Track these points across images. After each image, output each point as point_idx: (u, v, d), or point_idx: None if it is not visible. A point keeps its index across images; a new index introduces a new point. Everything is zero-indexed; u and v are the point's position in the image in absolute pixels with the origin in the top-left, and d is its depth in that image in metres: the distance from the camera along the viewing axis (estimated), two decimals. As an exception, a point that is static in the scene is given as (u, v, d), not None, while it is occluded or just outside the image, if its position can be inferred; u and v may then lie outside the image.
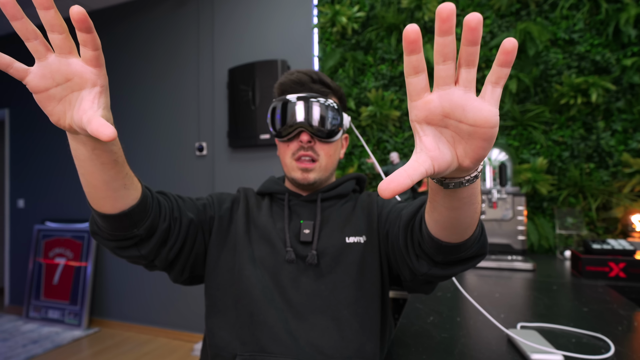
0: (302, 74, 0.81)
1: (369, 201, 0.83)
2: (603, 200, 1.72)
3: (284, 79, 0.82)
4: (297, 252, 0.74)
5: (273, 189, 0.84)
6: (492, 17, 1.93)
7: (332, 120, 0.78)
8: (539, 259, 1.64)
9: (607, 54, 1.73)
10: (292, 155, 0.79)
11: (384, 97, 2.10)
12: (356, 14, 2.13)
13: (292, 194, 0.82)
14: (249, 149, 2.58)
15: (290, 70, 0.84)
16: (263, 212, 0.80)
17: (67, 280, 3.07)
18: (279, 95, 0.83)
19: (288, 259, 0.73)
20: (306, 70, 0.82)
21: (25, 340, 2.77)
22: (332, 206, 0.82)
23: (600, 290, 1.13)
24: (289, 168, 0.79)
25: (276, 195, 0.84)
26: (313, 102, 0.77)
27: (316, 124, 0.76)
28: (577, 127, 1.79)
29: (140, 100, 2.99)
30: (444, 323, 0.87)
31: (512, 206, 1.56)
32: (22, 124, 3.51)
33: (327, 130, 0.78)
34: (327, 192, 0.82)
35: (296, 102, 0.77)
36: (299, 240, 0.75)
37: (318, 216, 0.78)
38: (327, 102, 0.78)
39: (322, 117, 0.77)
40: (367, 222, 0.79)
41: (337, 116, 0.79)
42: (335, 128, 0.79)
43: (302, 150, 0.78)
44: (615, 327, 0.82)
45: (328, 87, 0.82)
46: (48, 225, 3.26)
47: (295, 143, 0.78)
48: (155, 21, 2.93)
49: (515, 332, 0.75)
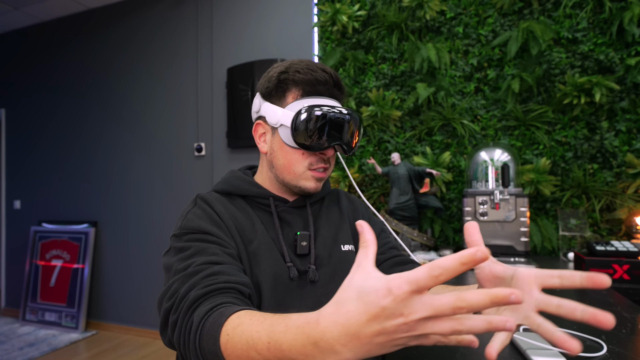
0: (324, 73, 0.72)
1: (354, 209, 0.84)
2: (607, 201, 1.73)
3: (303, 74, 0.71)
4: (296, 266, 0.71)
5: (251, 191, 0.76)
6: (495, 16, 1.94)
7: (359, 137, 0.76)
8: (541, 261, 1.64)
9: (611, 53, 1.73)
10: (308, 165, 0.73)
11: (385, 96, 2.10)
12: (357, 12, 2.13)
13: (277, 198, 0.76)
14: (248, 150, 2.58)
15: (307, 64, 0.72)
16: (250, 221, 0.72)
17: (64, 282, 3.07)
18: (288, 87, 0.72)
19: (292, 277, 0.70)
20: (319, 65, 0.73)
21: (22, 343, 2.77)
22: (319, 210, 0.80)
23: (603, 292, 1.13)
24: (299, 177, 0.73)
25: (255, 200, 0.76)
26: (354, 121, 0.72)
27: (347, 143, 0.73)
28: (581, 127, 1.79)
29: (138, 99, 2.99)
30: (445, 325, 0.87)
31: (514, 207, 1.56)
32: (19, 124, 3.52)
33: (353, 149, 0.75)
34: (313, 196, 0.79)
35: (342, 117, 0.71)
36: (295, 253, 0.73)
37: (311, 226, 0.76)
38: (359, 120, 0.74)
39: (355, 135, 0.74)
40: (354, 235, 0.80)
41: (360, 131, 0.76)
42: (358, 144, 0.77)
43: (321, 162, 0.73)
44: (619, 330, 0.82)
45: (344, 91, 0.77)
46: (45, 227, 3.26)
47: (314, 155, 0.73)
48: (153, 20, 2.94)
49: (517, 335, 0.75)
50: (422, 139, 2.07)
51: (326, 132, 0.70)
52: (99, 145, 3.14)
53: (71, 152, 3.25)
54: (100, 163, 3.13)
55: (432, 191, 1.90)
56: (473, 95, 1.99)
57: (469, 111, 1.99)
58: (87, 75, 3.19)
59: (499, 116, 1.93)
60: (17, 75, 3.53)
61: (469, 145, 1.98)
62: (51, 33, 3.36)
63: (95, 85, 3.15)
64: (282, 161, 0.73)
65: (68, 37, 3.28)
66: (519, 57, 1.90)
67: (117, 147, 3.07)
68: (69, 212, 3.25)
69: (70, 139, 3.26)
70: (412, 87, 2.08)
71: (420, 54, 1.96)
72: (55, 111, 3.33)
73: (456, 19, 2.02)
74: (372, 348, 0.33)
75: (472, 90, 1.98)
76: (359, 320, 0.32)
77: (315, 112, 0.69)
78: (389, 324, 0.31)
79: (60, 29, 3.32)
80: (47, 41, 3.38)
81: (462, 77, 2.01)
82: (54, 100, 3.33)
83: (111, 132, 3.09)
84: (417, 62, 1.96)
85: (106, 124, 3.11)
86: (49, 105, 3.36)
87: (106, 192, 3.10)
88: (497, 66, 1.95)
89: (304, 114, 0.69)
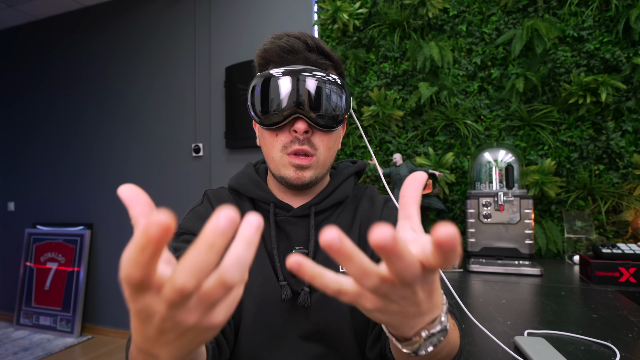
0: (294, 39, 0.63)
1: (370, 216, 0.70)
2: (613, 203, 1.73)
3: (269, 45, 0.64)
4: (290, 286, 0.65)
5: (255, 194, 0.70)
6: (499, 14, 1.94)
7: (336, 103, 0.62)
8: (546, 264, 1.65)
9: (617, 52, 1.74)
10: (282, 148, 0.63)
11: (386, 96, 2.11)
12: (358, 10, 2.14)
13: (278, 204, 0.69)
14: (247, 150, 2.59)
15: (278, 33, 0.65)
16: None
17: (59, 285, 3.08)
18: (262, 67, 0.66)
19: (285, 298, 0.63)
20: (299, 33, 0.64)
21: (16, 347, 2.78)
22: (327, 219, 0.70)
23: (610, 296, 1.14)
24: (278, 164, 0.64)
25: (259, 204, 0.71)
26: (311, 78, 0.60)
27: (316, 108, 0.61)
28: (586, 127, 1.79)
29: (134, 99, 3.00)
30: (448, 330, 0.87)
31: (519, 209, 1.56)
32: (12, 124, 3.52)
33: (330, 116, 0.62)
34: (321, 203, 0.69)
35: (287, 77, 0.60)
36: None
37: (312, 242, 0.66)
38: (330, 77, 0.61)
39: (324, 98, 0.61)
40: (362, 246, 0.68)
41: (341, 96, 0.63)
42: (340, 113, 0.63)
43: (296, 143, 0.62)
44: (626, 334, 0.82)
45: (328, 57, 0.65)
46: (39, 229, 3.27)
47: (287, 133, 0.63)
48: (149, 17, 2.95)
49: (522, 339, 0.76)
50: (425, 139, 2.07)
51: (275, 99, 0.61)
52: (94, 146, 3.14)
53: (66, 152, 3.26)
54: (96, 163, 3.14)
55: (435, 193, 1.91)
56: (476, 95, 1.99)
57: (473, 111, 1.99)
58: (83, 74, 3.20)
59: (503, 116, 1.94)
60: (11, 74, 3.54)
61: (472, 145, 1.98)
62: (46, 31, 3.37)
63: (91, 85, 3.16)
64: (264, 149, 0.67)
65: (63, 35, 3.28)
66: (523, 55, 1.91)
67: (113, 148, 3.07)
68: (64, 214, 3.26)
69: (65, 139, 3.26)
70: (414, 86, 2.09)
71: (422, 52, 1.97)
72: (50, 110, 3.34)
73: (459, 16, 2.03)
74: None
75: (475, 89, 1.99)
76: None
77: (262, 79, 0.62)
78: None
79: (54, 27, 3.33)
80: (41, 39, 3.39)
81: (466, 76, 2.01)
82: (49, 99, 3.34)
83: (107, 132, 3.10)
84: (419, 61, 1.97)
85: (102, 123, 3.12)
86: (43, 104, 3.37)
87: (102, 194, 3.10)
88: (501, 65, 1.96)
89: (256, 86, 0.63)
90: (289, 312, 0.64)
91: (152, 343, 0.29)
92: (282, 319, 0.64)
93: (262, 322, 0.64)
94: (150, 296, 0.25)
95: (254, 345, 0.64)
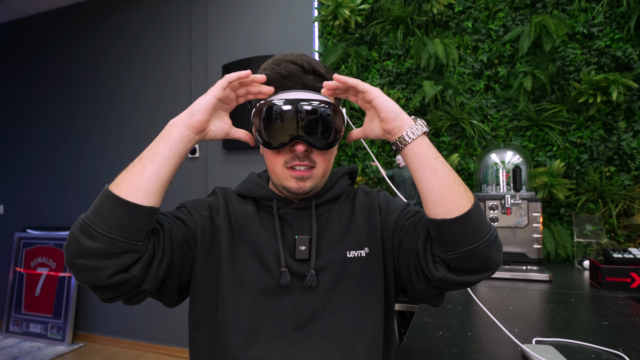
0: (291, 64, 0.72)
1: (369, 204, 0.79)
2: (624, 206, 1.74)
3: (269, 70, 0.74)
4: (292, 270, 0.72)
5: (258, 193, 0.79)
6: (506, 10, 1.95)
7: (331, 126, 0.71)
8: (555, 269, 1.65)
9: (629, 49, 1.75)
10: (284, 163, 0.72)
11: (389, 95, 2.12)
12: (360, 6, 2.15)
13: (280, 199, 0.78)
14: (244, 152, 2.60)
15: (277, 57, 0.75)
16: (250, 220, 0.75)
17: (50, 291, 3.08)
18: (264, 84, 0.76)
19: (283, 283, 0.71)
20: (296, 56, 0.73)
21: (5, 356, 2.78)
22: (328, 212, 0.78)
23: (621, 302, 1.14)
24: (280, 176, 0.74)
25: (262, 202, 0.79)
26: (308, 109, 0.69)
27: (313, 133, 0.69)
28: (597, 127, 1.80)
29: (128, 97, 3.01)
30: (454, 338, 0.88)
31: (527, 212, 1.57)
32: (2, 124, 3.53)
33: (326, 138, 0.71)
34: (321, 197, 0.78)
35: (287, 106, 0.69)
36: (294, 258, 0.73)
37: (314, 228, 0.74)
38: (324, 108, 0.70)
39: (320, 124, 0.70)
40: (370, 231, 0.76)
41: (335, 119, 0.71)
42: (335, 133, 0.72)
43: (296, 159, 0.72)
44: (638, 342, 0.83)
45: (323, 78, 0.74)
46: (29, 233, 3.28)
47: (288, 152, 0.72)
48: (144, 13, 2.96)
49: (530, 347, 0.76)
50: (429, 140, 2.08)
51: (277, 126, 0.70)
52: (86, 146, 3.15)
53: (57, 153, 3.27)
54: (88, 165, 3.14)
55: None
56: (483, 94, 2.00)
57: (479, 110, 2.00)
58: (75, 72, 3.21)
59: (510, 116, 1.95)
60: (0, 72, 3.55)
61: (478, 146, 1.99)
62: (36, 27, 3.38)
63: (83, 83, 3.17)
64: (266, 162, 0.77)
65: (54, 31, 3.30)
66: (531, 53, 1.92)
67: (105, 148, 3.08)
68: (55, 218, 3.26)
69: (56, 140, 3.27)
70: (418, 85, 2.10)
71: (426, 50, 1.98)
72: (40, 110, 3.35)
73: (465, 13, 2.04)
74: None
75: (481, 88, 2.00)
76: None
77: (264, 108, 0.71)
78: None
79: (46, 24, 3.34)
80: (32, 36, 3.40)
81: (471, 74, 2.02)
82: (39, 98, 3.35)
83: (100, 132, 3.11)
84: (423, 59, 1.98)
85: (94, 123, 3.13)
86: (34, 103, 3.38)
87: (94, 196, 3.10)
88: (509, 63, 1.97)
89: (258, 111, 0.73)
90: (292, 294, 0.71)
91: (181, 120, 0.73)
92: (285, 302, 0.71)
93: (258, 305, 0.71)
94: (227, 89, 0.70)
95: (252, 329, 0.69)
